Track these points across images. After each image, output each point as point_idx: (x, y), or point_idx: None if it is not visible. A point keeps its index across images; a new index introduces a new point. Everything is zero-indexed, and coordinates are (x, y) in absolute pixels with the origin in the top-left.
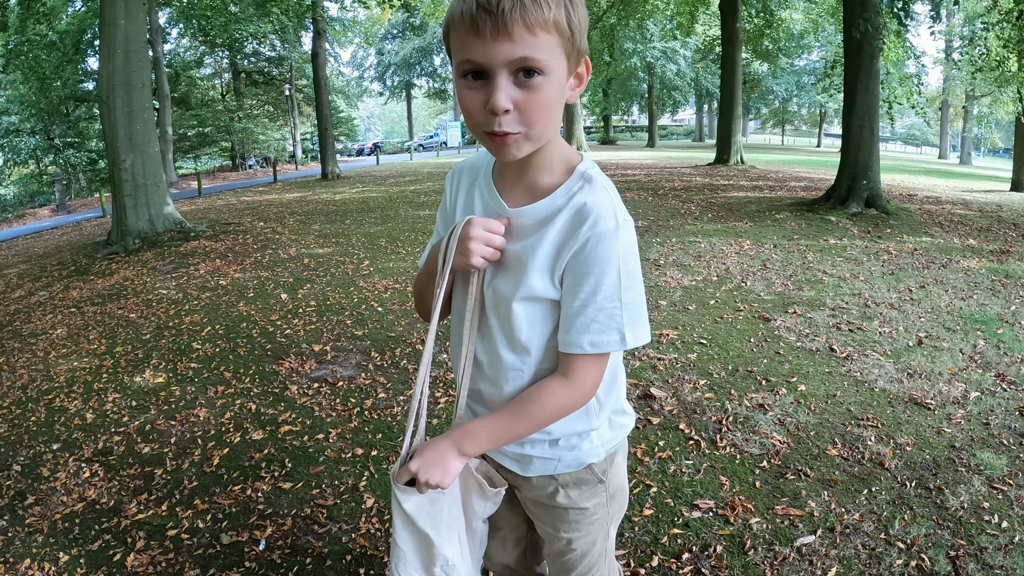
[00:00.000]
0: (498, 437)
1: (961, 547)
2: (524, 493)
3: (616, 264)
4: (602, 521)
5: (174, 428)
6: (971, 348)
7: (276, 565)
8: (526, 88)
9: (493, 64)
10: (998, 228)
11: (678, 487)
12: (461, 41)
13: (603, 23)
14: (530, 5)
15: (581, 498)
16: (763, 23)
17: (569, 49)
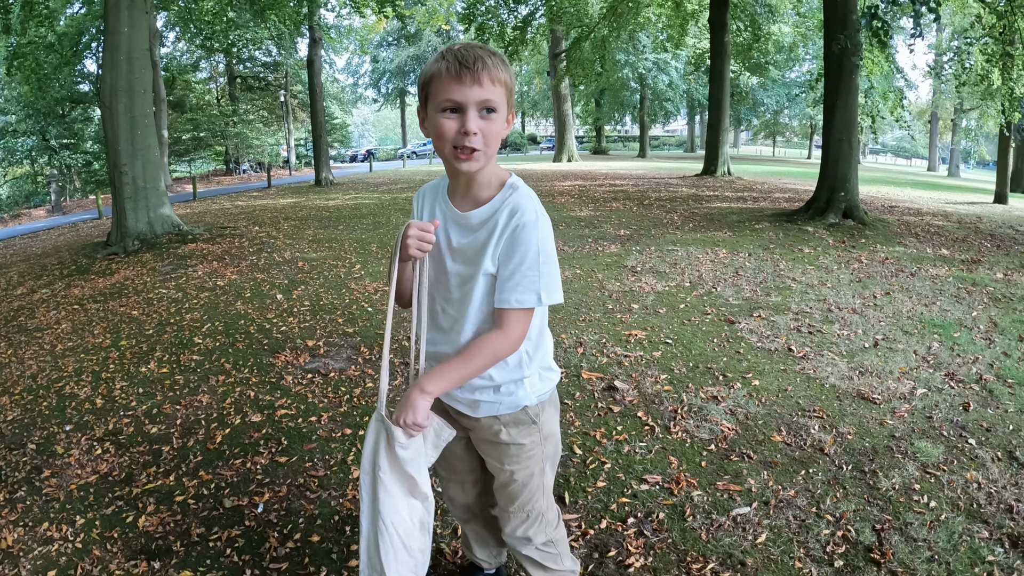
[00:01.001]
0: (452, 378)
1: (888, 522)
2: (476, 435)
3: (535, 245)
4: (537, 458)
5: (179, 412)
6: (925, 350)
7: (272, 524)
8: (486, 120)
9: (467, 102)
10: (974, 239)
11: (630, 464)
12: (444, 87)
13: (595, 34)
14: (492, 67)
15: (519, 435)
16: (751, 37)
17: (510, 100)
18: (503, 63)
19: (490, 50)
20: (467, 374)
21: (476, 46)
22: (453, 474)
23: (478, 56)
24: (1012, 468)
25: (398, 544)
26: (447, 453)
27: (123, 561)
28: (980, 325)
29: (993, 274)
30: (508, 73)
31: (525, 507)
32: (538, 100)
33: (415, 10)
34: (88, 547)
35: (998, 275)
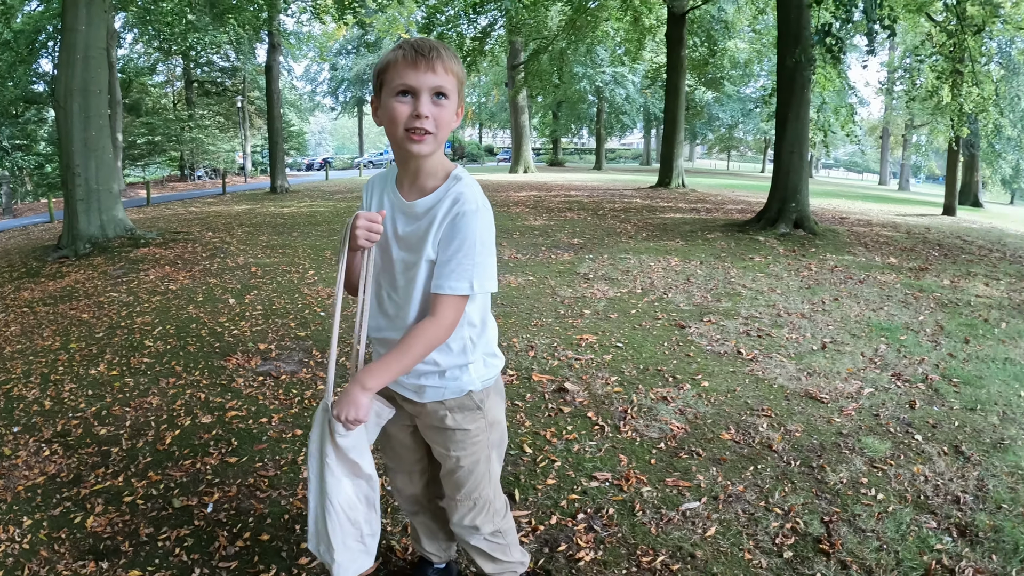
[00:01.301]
0: (391, 371)
1: (836, 514)
2: (422, 421)
3: (474, 234)
4: (483, 444)
5: (129, 413)
6: (872, 352)
7: (222, 523)
8: (438, 105)
9: (421, 86)
10: (922, 248)
11: (580, 462)
12: (399, 73)
13: (553, 47)
14: (445, 58)
15: (464, 421)
16: (707, 52)
17: (460, 92)
18: (455, 57)
19: (443, 44)
20: (405, 365)
21: (430, 39)
22: (400, 464)
23: (432, 46)
24: (958, 462)
25: (343, 519)
26: (394, 443)
27: (71, 561)
28: (927, 328)
29: (940, 281)
30: (459, 66)
31: (472, 495)
32: (495, 111)
33: (375, 18)
34: (35, 548)
35: (945, 282)
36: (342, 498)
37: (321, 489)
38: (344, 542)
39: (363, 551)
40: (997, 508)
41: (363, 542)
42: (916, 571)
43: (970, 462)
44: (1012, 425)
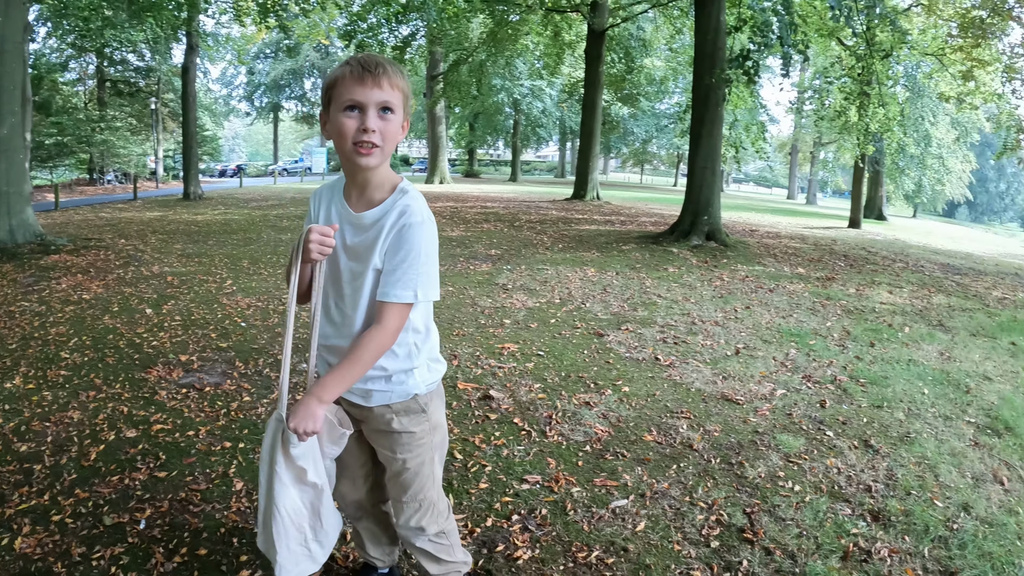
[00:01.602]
0: (345, 381)
1: (756, 505)
2: (369, 425)
3: (420, 245)
4: (428, 446)
5: (49, 428)
6: (783, 356)
7: (157, 539)
8: (384, 119)
9: (368, 102)
10: (829, 259)
11: (510, 466)
12: (347, 88)
13: (473, 58)
14: (391, 73)
15: (410, 424)
16: (625, 69)
17: (406, 106)
18: (401, 73)
19: (390, 60)
20: (357, 374)
21: (378, 55)
22: (344, 470)
23: (379, 62)
24: (868, 454)
25: (288, 523)
26: None
27: None
28: (834, 334)
29: (846, 289)
30: (405, 82)
31: (417, 496)
32: (412, 121)
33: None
34: None
35: (851, 290)
36: (288, 504)
37: (269, 494)
38: (288, 546)
39: (307, 555)
40: (907, 494)
41: (307, 547)
42: (835, 554)
43: (879, 454)
44: (917, 420)
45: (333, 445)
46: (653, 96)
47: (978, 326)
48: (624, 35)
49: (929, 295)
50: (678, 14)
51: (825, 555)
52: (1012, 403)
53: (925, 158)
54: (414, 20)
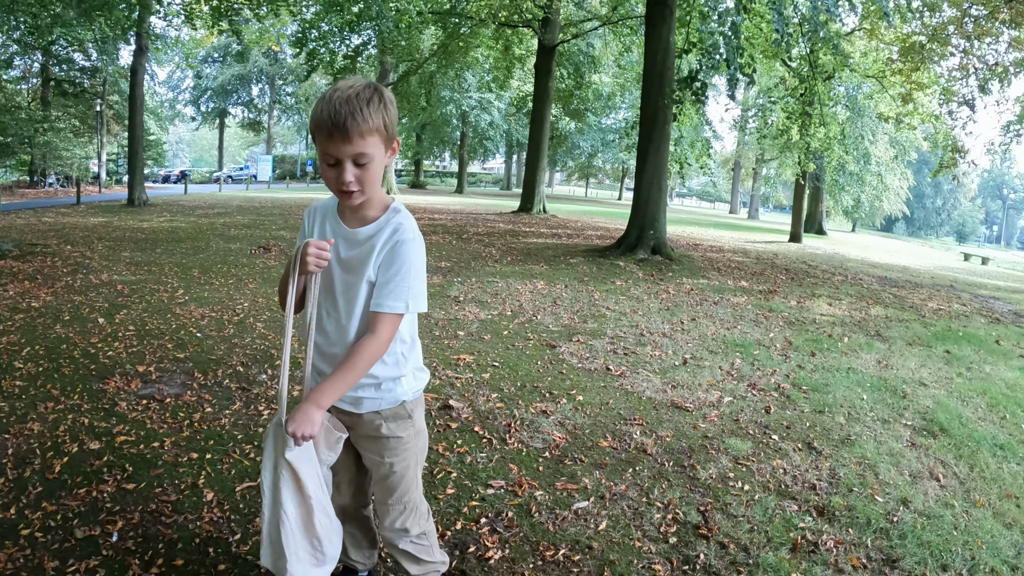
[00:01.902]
0: (341, 388)
1: (710, 504)
2: (357, 431)
3: (410, 261)
4: (413, 450)
5: (9, 441)
6: (729, 365)
7: (131, 551)
8: (362, 168)
9: (342, 156)
10: (771, 272)
11: (474, 472)
12: (322, 142)
13: (423, 70)
14: (361, 123)
15: (398, 429)
16: (574, 84)
17: (387, 139)
18: (378, 108)
19: (366, 97)
20: (352, 380)
21: (353, 97)
22: (331, 476)
23: (347, 115)
24: (812, 455)
25: (296, 529)
26: None
27: None
28: (777, 344)
29: (788, 302)
30: (383, 115)
31: (403, 499)
32: None
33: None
34: None
35: (792, 302)
36: (292, 510)
37: (275, 500)
38: (297, 553)
39: (314, 564)
40: (849, 491)
41: (315, 556)
42: (785, 546)
43: (822, 455)
44: (857, 423)
45: (330, 451)
46: (600, 111)
47: (914, 336)
48: (574, 51)
49: (867, 307)
50: (627, 32)
51: (776, 547)
52: (946, 407)
53: (864, 175)
54: (366, 29)
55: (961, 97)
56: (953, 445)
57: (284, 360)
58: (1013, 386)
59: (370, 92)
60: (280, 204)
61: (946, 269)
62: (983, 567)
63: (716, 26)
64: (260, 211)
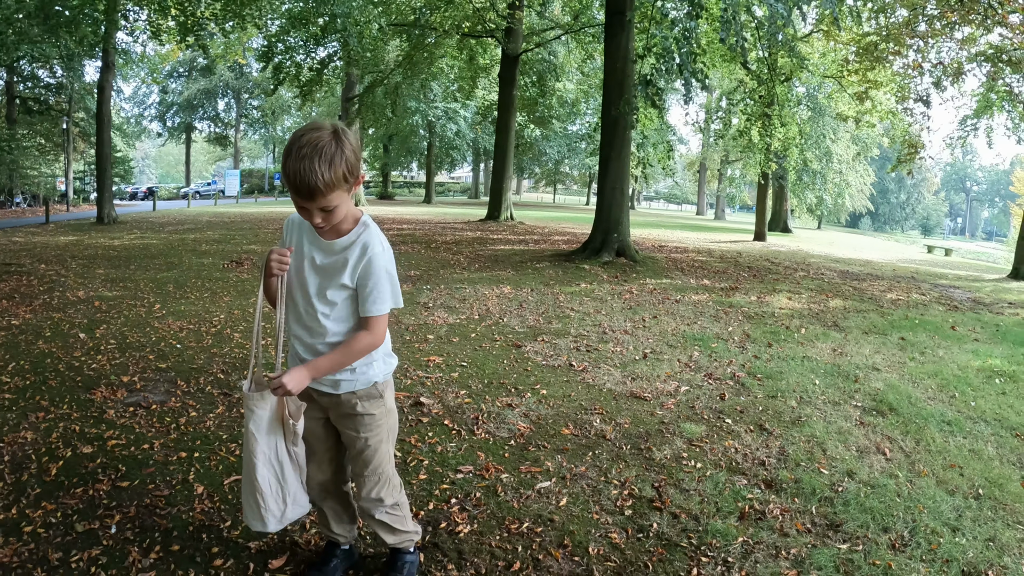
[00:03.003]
0: (333, 366)
1: (664, 480)
2: (336, 411)
3: (382, 269)
4: (384, 427)
5: (4, 449)
6: (687, 358)
7: (130, 540)
8: (327, 212)
9: (311, 209)
10: (733, 271)
11: (445, 460)
12: (292, 194)
13: (389, 81)
14: (322, 185)
15: (370, 407)
16: (538, 92)
17: (349, 183)
18: (339, 161)
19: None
20: (344, 363)
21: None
22: (312, 455)
23: (312, 177)
24: (762, 436)
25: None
26: (307, 435)
27: None
28: (735, 337)
29: (748, 297)
30: (343, 166)
31: (377, 470)
32: None
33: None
34: None
35: (752, 298)
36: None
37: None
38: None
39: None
40: (796, 466)
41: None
42: (733, 514)
43: (772, 436)
44: (808, 406)
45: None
46: (565, 117)
47: (871, 325)
48: (537, 59)
49: (826, 300)
50: (589, 39)
51: (724, 516)
52: (897, 388)
53: (827, 173)
54: (332, 42)
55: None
56: (901, 423)
57: (255, 337)
58: (965, 367)
59: (332, 147)
60: (250, 219)
61: (909, 261)
62: (924, 529)
63: (669, 32)
64: (230, 226)
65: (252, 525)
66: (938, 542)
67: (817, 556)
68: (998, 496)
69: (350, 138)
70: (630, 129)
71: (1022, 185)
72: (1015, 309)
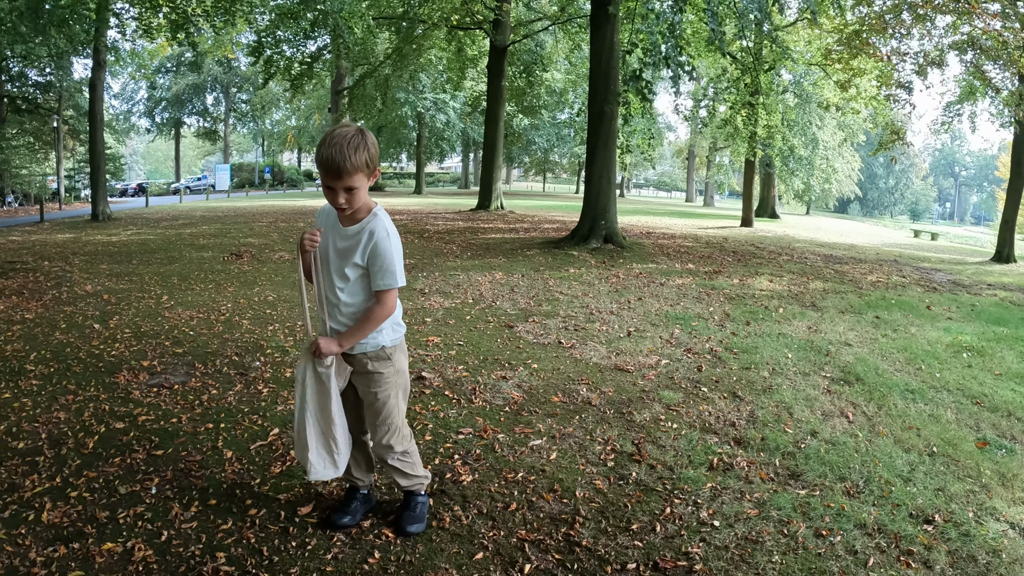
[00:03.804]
0: (355, 336)
1: (642, 438)
2: (354, 368)
3: (389, 251)
4: (392, 384)
5: (40, 428)
6: (669, 335)
7: (170, 498)
8: (350, 193)
9: (336, 187)
10: (718, 255)
11: (447, 424)
12: (323, 175)
13: (378, 73)
14: (349, 166)
15: (380, 367)
16: (526, 83)
17: (369, 171)
18: (362, 150)
19: (354, 144)
20: (365, 332)
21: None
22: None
23: (341, 160)
24: (735, 402)
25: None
26: None
27: (41, 548)
28: (715, 316)
29: (731, 280)
30: (366, 155)
31: (387, 421)
32: (316, 135)
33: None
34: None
35: (735, 280)
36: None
37: (302, 407)
38: (317, 449)
39: (331, 463)
40: (764, 426)
41: (332, 456)
42: (703, 465)
43: (744, 401)
44: (779, 376)
45: (342, 379)
46: (553, 106)
47: (847, 305)
48: (525, 50)
49: (807, 282)
50: (576, 30)
51: (696, 466)
52: (866, 361)
53: (813, 159)
54: (323, 35)
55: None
56: (866, 391)
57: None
58: (934, 343)
59: (357, 139)
60: (243, 212)
61: (894, 245)
62: (877, 479)
63: (655, 26)
64: (224, 220)
65: (323, 475)
66: (890, 490)
67: (777, 499)
68: (951, 454)
69: (371, 137)
70: (616, 120)
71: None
72: (993, 290)
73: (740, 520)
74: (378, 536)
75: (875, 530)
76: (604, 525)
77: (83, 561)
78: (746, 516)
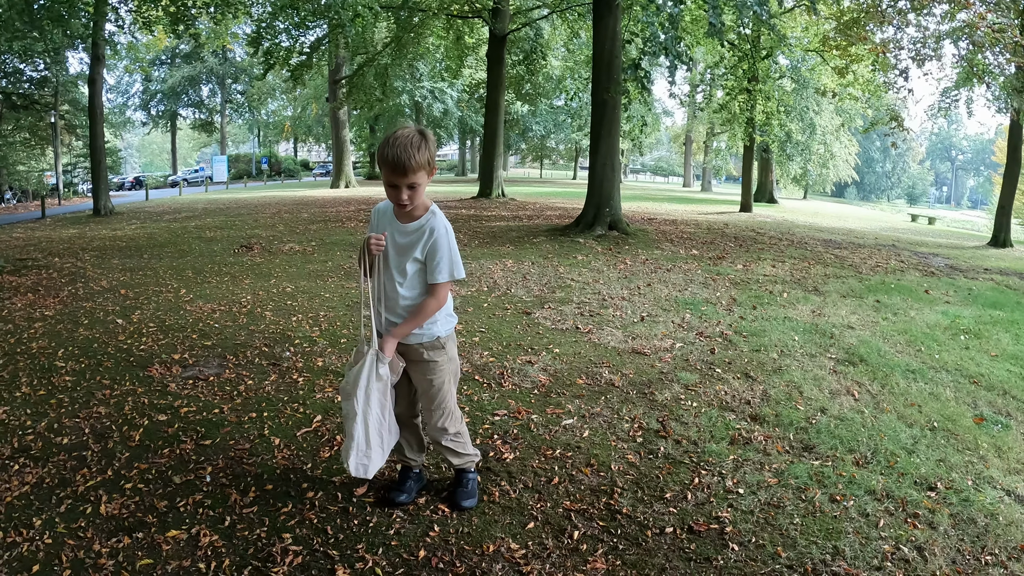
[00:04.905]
0: (409, 329)
1: (666, 416)
2: (408, 357)
3: (446, 246)
4: (446, 371)
5: (82, 423)
6: (680, 320)
7: (227, 485)
8: (412, 190)
9: (400, 185)
10: (720, 241)
11: (482, 406)
12: (387, 174)
13: (376, 62)
14: (413, 165)
15: (434, 356)
16: (525, 70)
17: (429, 169)
18: (423, 150)
19: (416, 144)
20: (418, 323)
21: (408, 144)
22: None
23: (406, 158)
24: (748, 382)
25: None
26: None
27: (105, 540)
28: (722, 301)
29: (734, 265)
30: (426, 154)
31: (441, 405)
32: (312, 125)
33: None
34: (60, 539)
35: (738, 266)
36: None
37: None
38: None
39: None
40: (777, 404)
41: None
42: (725, 440)
43: (756, 381)
44: (788, 358)
45: (395, 375)
46: (551, 93)
47: (849, 289)
48: (524, 38)
49: (808, 267)
50: (575, 16)
51: (718, 441)
52: (868, 343)
53: (811, 144)
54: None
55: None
56: (869, 371)
57: (371, 304)
58: (933, 326)
59: (419, 139)
60: (245, 204)
61: (891, 230)
62: (883, 451)
63: (656, 17)
64: (227, 212)
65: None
66: (895, 461)
67: (794, 469)
68: (951, 429)
69: (431, 136)
70: (619, 108)
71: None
72: (990, 275)
73: (762, 488)
74: (435, 512)
75: (884, 496)
76: (640, 495)
77: (149, 550)
78: (767, 484)
